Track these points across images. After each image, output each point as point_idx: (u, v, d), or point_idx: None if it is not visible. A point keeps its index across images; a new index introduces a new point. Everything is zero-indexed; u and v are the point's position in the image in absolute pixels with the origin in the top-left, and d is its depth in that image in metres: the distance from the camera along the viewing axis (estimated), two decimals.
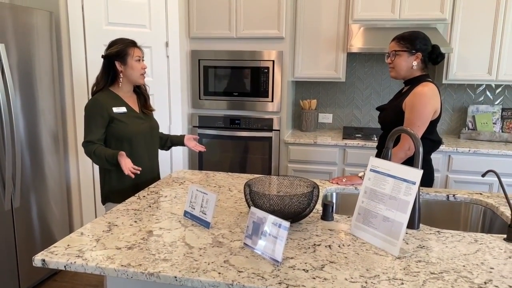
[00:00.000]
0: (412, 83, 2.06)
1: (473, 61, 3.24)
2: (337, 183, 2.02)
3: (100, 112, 1.95)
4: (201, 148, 2.23)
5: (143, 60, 2.07)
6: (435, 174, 3.02)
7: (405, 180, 1.35)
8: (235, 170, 3.49)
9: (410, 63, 2.03)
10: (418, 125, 1.94)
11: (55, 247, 1.32)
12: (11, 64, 2.38)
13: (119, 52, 1.99)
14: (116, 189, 2.05)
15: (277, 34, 3.23)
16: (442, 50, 2.08)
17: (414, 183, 1.32)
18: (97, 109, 1.96)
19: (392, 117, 2.07)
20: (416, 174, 1.33)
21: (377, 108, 2.26)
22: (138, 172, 1.88)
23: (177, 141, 2.29)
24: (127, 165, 1.85)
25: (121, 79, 2.03)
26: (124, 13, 2.96)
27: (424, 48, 2.01)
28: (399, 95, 2.14)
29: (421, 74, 2.05)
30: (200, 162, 3.56)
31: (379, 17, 3.24)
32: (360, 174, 2.03)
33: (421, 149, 1.46)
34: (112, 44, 2.03)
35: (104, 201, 2.10)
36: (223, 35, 3.32)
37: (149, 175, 2.15)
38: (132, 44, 2.03)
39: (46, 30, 2.64)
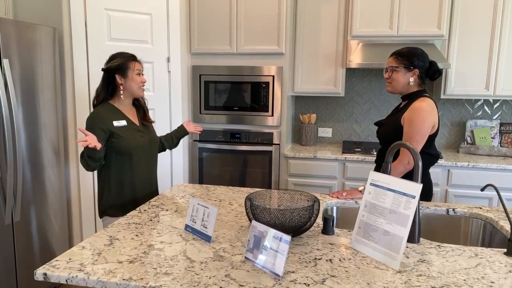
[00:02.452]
0: (409, 98, 2.08)
1: (471, 76, 3.28)
2: (338, 197, 2.03)
3: (101, 125, 1.97)
4: (200, 128, 2.44)
5: (142, 74, 2.11)
6: (435, 189, 3.03)
7: (405, 194, 1.36)
8: (235, 184, 3.50)
9: (407, 79, 2.06)
10: (416, 139, 1.96)
11: (56, 260, 1.33)
12: (14, 78, 2.41)
13: (120, 66, 2.02)
14: (114, 203, 2.05)
15: (277, 49, 3.27)
16: (440, 65, 2.11)
17: (414, 197, 1.33)
18: (98, 123, 1.97)
19: (390, 132, 2.09)
20: (415, 188, 1.34)
21: (376, 123, 2.27)
22: (87, 135, 1.83)
23: (180, 133, 2.38)
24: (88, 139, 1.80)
25: (121, 92, 2.06)
26: (126, 29, 3.01)
27: (421, 65, 2.04)
28: (397, 110, 2.16)
29: (418, 90, 2.08)
30: (200, 176, 3.57)
31: (377, 33, 3.29)
32: (360, 188, 2.04)
33: (420, 163, 1.47)
34: (113, 57, 2.06)
35: (101, 215, 2.10)
36: (224, 50, 3.37)
37: (148, 189, 2.15)
38: (133, 58, 2.07)
39: (50, 46, 2.68)
